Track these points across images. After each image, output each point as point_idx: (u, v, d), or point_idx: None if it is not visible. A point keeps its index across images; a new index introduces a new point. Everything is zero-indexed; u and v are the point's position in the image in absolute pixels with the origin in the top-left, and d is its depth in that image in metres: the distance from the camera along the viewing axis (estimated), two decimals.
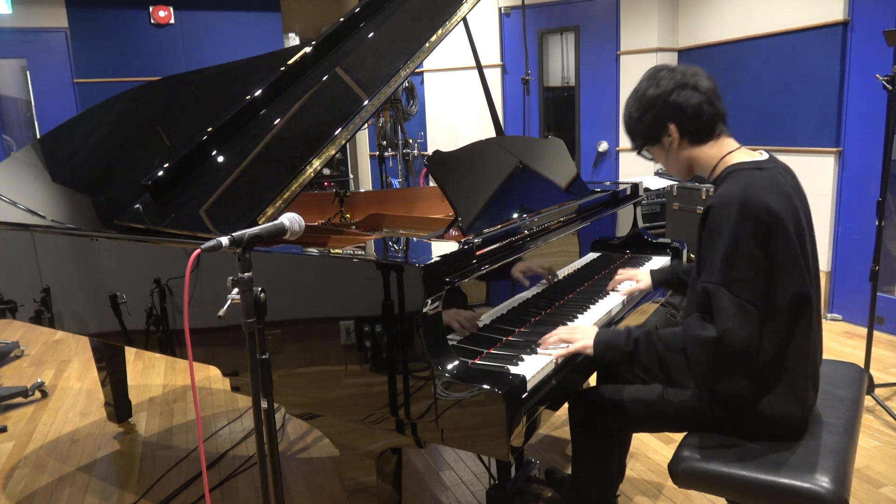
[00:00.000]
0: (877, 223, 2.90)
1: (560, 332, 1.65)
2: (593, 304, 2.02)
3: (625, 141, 5.53)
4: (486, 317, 1.71)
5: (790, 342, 1.48)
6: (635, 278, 2.13)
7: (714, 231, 1.43)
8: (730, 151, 1.58)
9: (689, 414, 1.63)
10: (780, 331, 1.45)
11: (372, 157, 6.12)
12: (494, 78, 5.73)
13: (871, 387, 2.95)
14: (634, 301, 2.17)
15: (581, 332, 1.63)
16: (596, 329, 1.63)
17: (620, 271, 2.19)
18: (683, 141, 1.59)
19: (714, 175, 1.59)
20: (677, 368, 1.46)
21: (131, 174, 2.22)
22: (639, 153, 1.70)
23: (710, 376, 1.48)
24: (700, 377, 1.45)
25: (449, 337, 1.51)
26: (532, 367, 1.52)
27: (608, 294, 2.12)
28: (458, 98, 5.83)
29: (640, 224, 2.74)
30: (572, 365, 1.63)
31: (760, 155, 1.58)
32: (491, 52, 5.71)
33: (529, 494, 2.33)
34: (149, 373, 3.89)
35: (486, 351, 1.60)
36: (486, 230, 1.78)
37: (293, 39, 6.71)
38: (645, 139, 1.64)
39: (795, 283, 1.44)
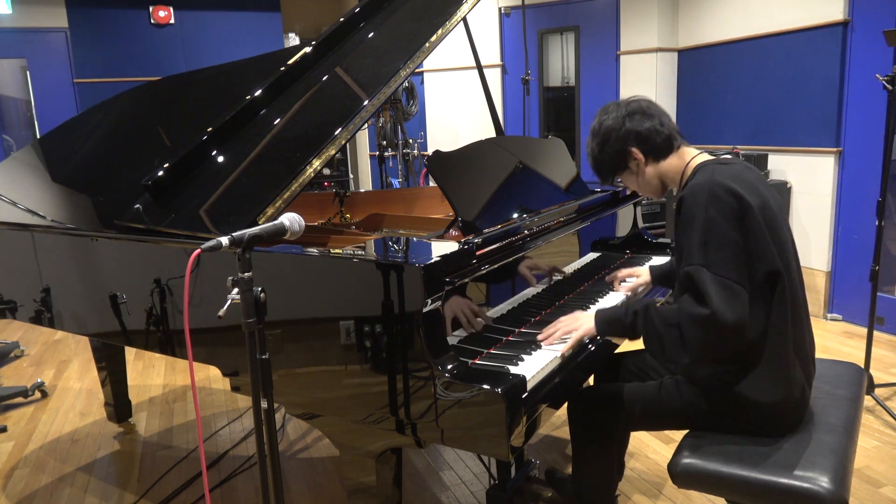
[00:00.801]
0: (877, 223, 2.90)
1: (562, 326, 1.68)
2: (593, 303, 2.02)
3: None
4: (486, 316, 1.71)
5: (767, 321, 1.51)
6: (635, 273, 2.17)
7: (688, 218, 1.51)
8: (693, 157, 1.70)
9: (687, 410, 1.64)
10: (761, 309, 1.49)
11: (372, 157, 6.12)
12: (494, 78, 5.73)
13: (871, 387, 2.95)
14: (641, 296, 2.17)
15: (581, 318, 1.69)
16: (593, 311, 1.69)
17: (625, 269, 2.21)
18: (648, 159, 1.70)
19: (684, 179, 1.68)
20: (672, 343, 1.51)
21: (131, 174, 2.22)
22: (611, 184, 1.83)
23: (704, 351, 1.50)
24: (696, 353, 1.49)
25: (449, 336, 1.52)
26: (532, 366, 1.52)
27: (608, 293, 2.12)
28: (458, 98, 5.83)
29: (640, 224, 2.74)
30: (573, 364, 1.64)
31: (726, 156, 1.68)
32: (491, 52, 5.71)
33: (529, 494, 2.33)
34: (149, 373, 3.89)
35: (486, 351, 1.60)
36: (486, 230, 1.78)
37: (293, 39, 6.71)
38: (613, 169, 1.74)
39: (764, 260, 1.49)
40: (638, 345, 1.96)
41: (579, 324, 1.67)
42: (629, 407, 1.72)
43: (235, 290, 1.24)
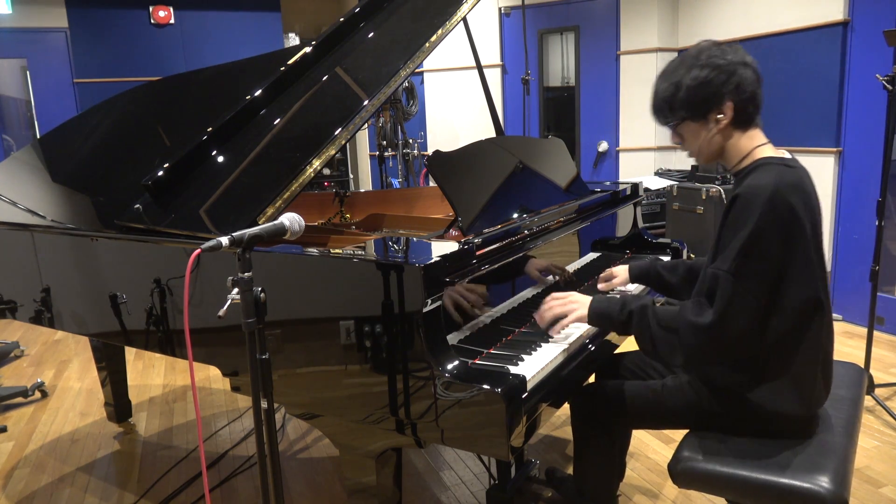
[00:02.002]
0: (877, 223, 2.90)
1: (555, 304, 1.66)
2: None
3: (625, 140, 5.57)
4: (486, 316, 1.71)
5: (801, 343, 1.48)
6: (613, 275, 2.10)
7: (738, 220, 1.42)
8: (760, 145, 1.56)
9: (689, 409, 1.64)
10: (782, 330, 1.46)
11: (372, 157, 6.12)
12: (494, 78, 5.73)
13: (871, 387, 2.95)
14: None
15: (575, 300, 1.65)
16: (590, 297, 1.65)
17: (608, 270, 2.18)
18: (731, 123, 1.53)
19: (741, 166, 1.57)
20: (667, 346, 1.48)
21: (131, 174, 2.22)
22: (670, 127, 1.60)
23: (697, 360, 1.50)
24: (688, 359, 1.48)
25: (449, 336, 1.52)
26: (532, 366, 1.52)
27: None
28: (458, 98, 5.83)
29: (640, 224, 2.74)
30: (573, 363, 1.63)
31: (785, 154, 1.57)
32: (491, 52, 5.71)
33: (529, 494, 2.33)
34: (149, 373, 3.89)
35: (486, 351, 1.60)
36: (486, 230, 1.78)
37: (293, 39, 6.71)
38: (692, 111, 1.53)
39: (808, 287, 1.45)
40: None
41: (571, 308, 1.64)
42: (631, 405, 1.72)
43: (235, 290, 1.24)
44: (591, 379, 2.06)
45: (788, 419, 1.53)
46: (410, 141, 5.64)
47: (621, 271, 2.11)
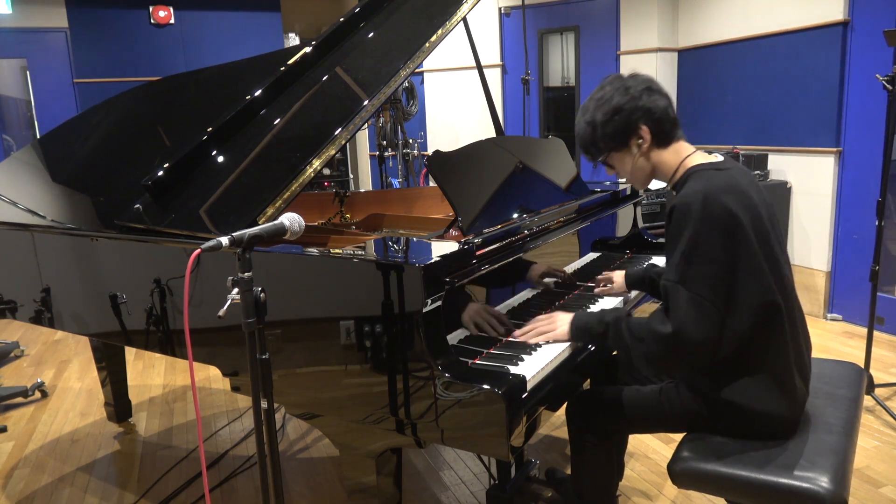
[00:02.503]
0: (877, 223, 2.90)
1: (539, 326, 1.69)
2: (593, 304, 2.02)
3: None
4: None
5: (768, 341, 1.51)
6: (611, 280, 2.13)
7: (676, 231, 1.48)
8: (688, 155, 1.63)
9: (683, 414, 1.64)
10: (740, 331, 1.48)
11: (372, 157, 6.12)
12: (494, 78, 5.73)
13: (871, 387, 2.95)
14: (634, 302, 2.17)
15: (558, 321, 1.69)
16: (571, 315, 1.69)
17: (605, 272, 2.19)
18: (653, 143, 1.62)
19: (675, 179, 1.64)
20: (637, 355, 1.53)
21: (131, 174, 2.22)
22: (599, 162, 1.72)
23: (661, 367, 1.58)
24: (652, 367, 1.56)
25: (449, 336, 1.52)
26: (532, 367, 1.52)
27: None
28: (458, 98, 5.83)
29: (640, 224, 2.74)
30: (573, 365, 1.64)
31: (717, 157, 1.62)
32: (491, 52, 5.71)
33: (529, 494, 2.33)
34: (149, 373, 3.89)
35: (486, 351, 1.60)
36: (486, 230, 1.78)
37: (293, 39, 6.71)
38: (612, 145, 1.65)
39: (760, 286, 1.47)
40: None
41: (554, 326, 1.67)
42: (629, 411, 1.72)
43: (235, 290, 1.24)
44: (587, 385, 2.06)
45: (776, 419, 1.54)
46: (410, 141, 5.64)
47: (618, 277, 2.12)
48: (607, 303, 2.04)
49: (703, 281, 1.43)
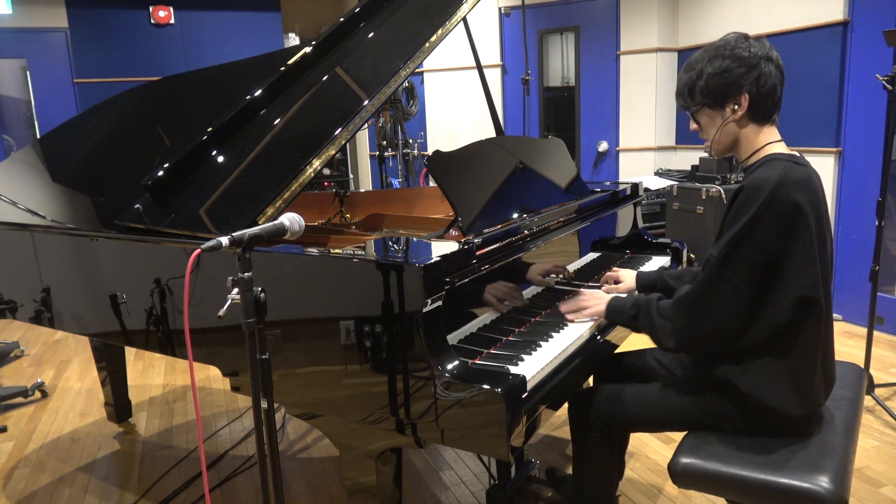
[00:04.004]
0: (877, 223, 2.90)
1: (583, 301, 1.83)
2: None
3: (625, 141, 5.57)
4: (487, 317, 1.71)
5: (797, 339, 1.49)
6: (619, 278, 2.13)
7: (739, 211, 1.46)
8: (773, 141, 1.60)
9: (687, 413, 1.64)
10: (777, 322, 1.47)
11: (372, 157, 6.12)
12: (494, 78, 5.73)
13: (871, 387, 2.95)
14: None
15: (599, 297, 1.83)
16: (610, 296, 1.82)
17: (614, 269, 2.20)
18: (746, 115, 1.56)
19: (752, 160, 1.60)
20: (664, 332, 1.58)
21: (131, 174, 2.22)
22: (689, 112, 1.65)
23: (686, 340, 1.55)
24: (678, 341, 1.55)
25: (449, 336, 1.52)
26: (532, 366, 1.52)
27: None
28: (458, 98, 5.83)
29: (640, 224, 2.74)
30: (573, 364, 1.64)
31: (796, 154, 1.60)
32: (491, 52, 5.71)
33: (529, 494, 2.33)
34: (149, 373, 3.89)
35: (486, 351, 1.60)
36: (486, 230, 1.78)
37: (293, 39, 6.71)
38: (711, 99, 1.57)
39: (805, 285, 1.46)
40: (638, 345, 1.97)
41: (594, 302, 1.80)
42: (630, 409, 1.72)
43: (235, 290, 1.24)
44: (590, 383, 2.06)
45: (786, 417, 1.53)
46: (410, 141, 5.65)
47: (627, 276, 2.12)
48: None
49: (744, 265, 1.44)
